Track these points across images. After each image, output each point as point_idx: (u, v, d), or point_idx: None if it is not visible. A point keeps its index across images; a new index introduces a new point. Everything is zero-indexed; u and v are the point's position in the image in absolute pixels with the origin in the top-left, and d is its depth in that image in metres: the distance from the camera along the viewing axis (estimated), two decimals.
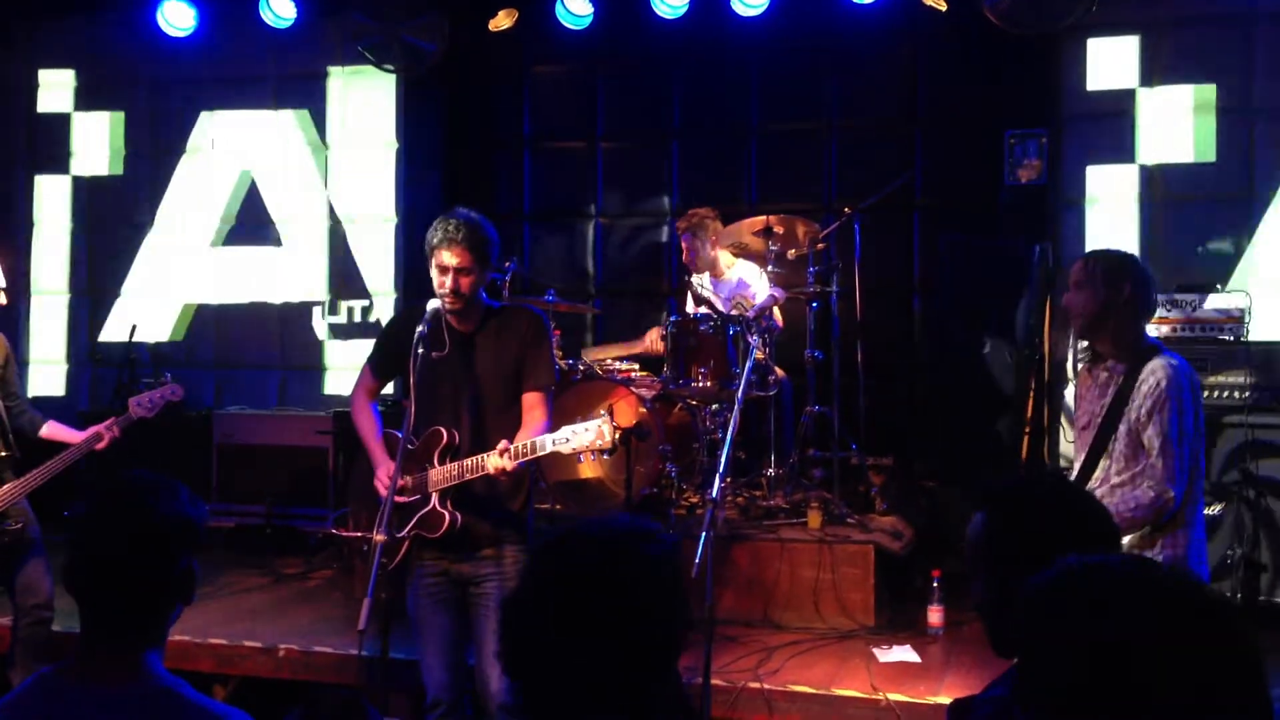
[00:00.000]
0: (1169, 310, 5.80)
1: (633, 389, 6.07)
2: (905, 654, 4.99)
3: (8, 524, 4.68)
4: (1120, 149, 6.76)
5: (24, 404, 4.97)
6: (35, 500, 4.81)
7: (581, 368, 6.36)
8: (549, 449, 3.68)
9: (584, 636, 1.70)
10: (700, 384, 5.88)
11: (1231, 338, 5.69)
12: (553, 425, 3.85)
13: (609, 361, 6.58)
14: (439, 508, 3.83)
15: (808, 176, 7.68)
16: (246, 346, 8.26)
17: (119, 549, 2.08)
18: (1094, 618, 1.36)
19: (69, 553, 2.13)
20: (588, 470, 6.19)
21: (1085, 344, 3.81)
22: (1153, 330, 5.63)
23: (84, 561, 2.11)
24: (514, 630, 1.75)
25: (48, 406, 6.12)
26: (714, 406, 6.04)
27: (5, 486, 4.66)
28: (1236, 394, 5.54)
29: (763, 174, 7.77)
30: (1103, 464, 3.60)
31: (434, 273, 3.84)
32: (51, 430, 4.90)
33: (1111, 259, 3.71)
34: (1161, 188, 6.72)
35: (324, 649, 5.06)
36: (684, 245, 6.61)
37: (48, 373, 8.49)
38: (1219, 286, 5.98)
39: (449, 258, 3.79)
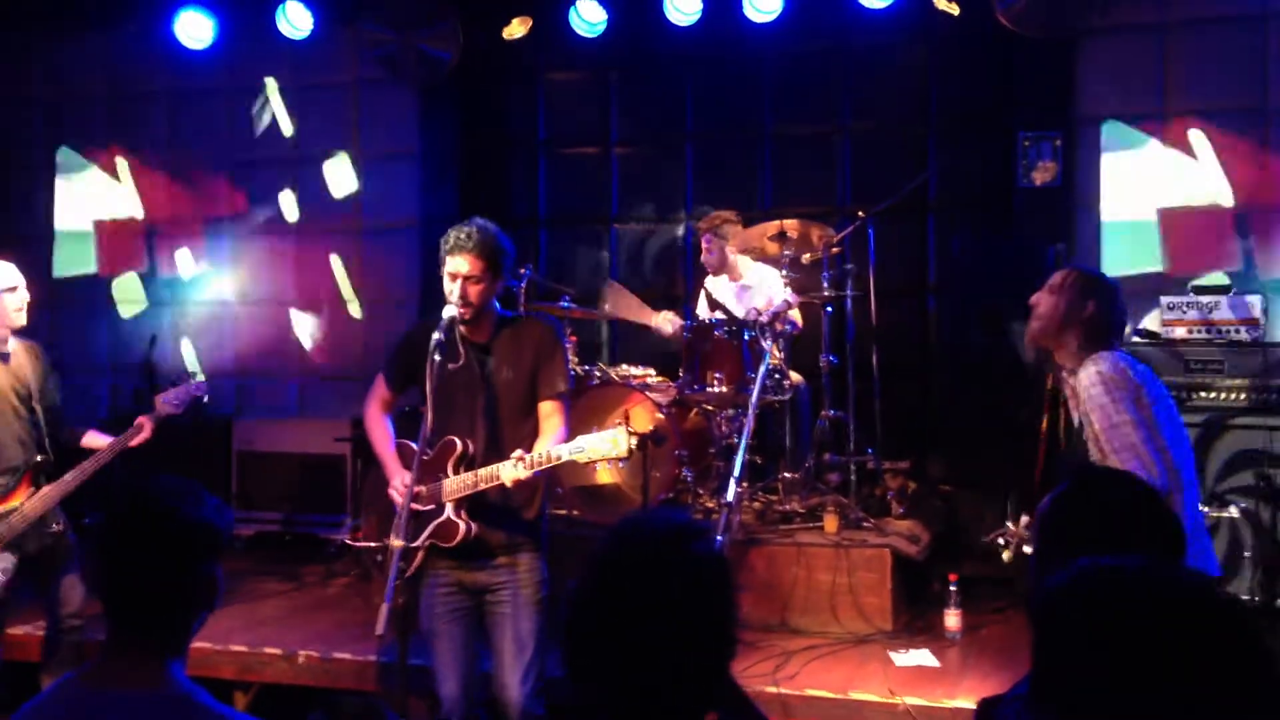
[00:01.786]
0: (1185, 312, 5.79)
1: (648, 394, 6.08)
2: (923, 658, 5.00)
3: (49, 526, 4.76)
4: (1135, 150, 6.74)
5: (63, 415, 5.03)
6: (70, 507, 4.88)
7: (598, 373, 6.39)
8: (564, 458, 3.70)
9: (641, 636, 1.71)
10: (715, 389, 5.90)
11: (1248, 339, 5.66)
12: (570, 431, 3.89)
13: (625, 302, 6.58)
14: (454, 517, 3.85)
15: (821, 180, 7.69)
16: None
17: (139, 552, 2.11)
18: (1106, 620, 1.38)
19: (93, 557, 2.16)
20: (604, 476, 6.21)
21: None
22: (1167, 332, 5.67)
23: (106, 566, 2.14)
24: (572, 632, 1.77)
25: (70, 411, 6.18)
26: (729, 411, 6.05)
27: (43, 490, 4.75)
28: (1255, 395, 5.51)
29: (776, 178, 7.79)
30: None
31: (445, 280, 3.87)
32: (90, 439, 4.96)
33: (1088, 277, 3.76)
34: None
35: (343, 655, 5.09)
36: (704, 245, 6.64)
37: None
38: (1234, 288, 5.96)
39: (458, 265, 3.81)
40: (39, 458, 4.83)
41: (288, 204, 8.25)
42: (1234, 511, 5.35)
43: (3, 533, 4.65)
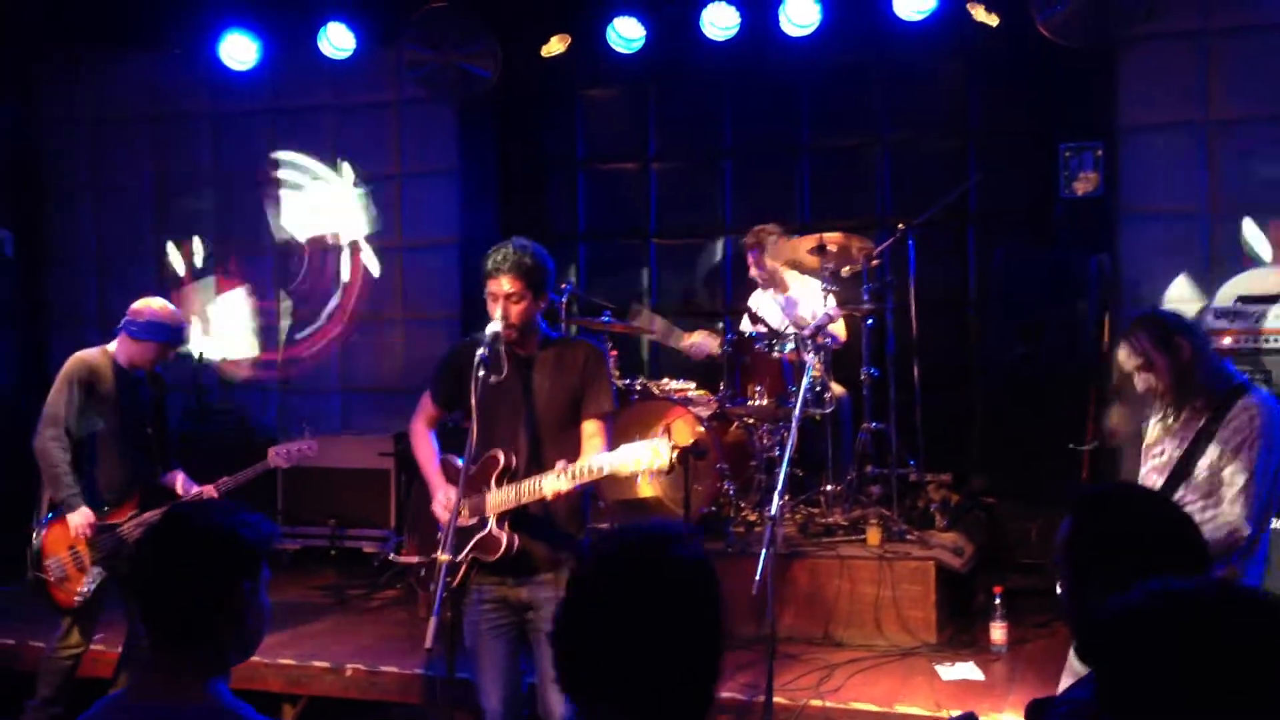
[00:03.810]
0: (1231, 321, 5.73)
1: (689, 408, 6.10)
2: (969, 671, 4.97)
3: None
4: (1179, 160, 6.70)
5: (165, 443, 5.15)
6: None
7: (638, 387, 6.41)
8: (606, 470, 3.70)
9: (622, 644, 1.71)
10: (756, 402, 5.91)
11: None
12: (611, 449, 3.90)
13: (655, 326, 6.61)
14: (496, 531, 3.86)
15: (860, 193, 7.68)
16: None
17: (170, 569, 2.13)
18: (1184, 641, 1.40)
19: (134, 575, 2.19)
20: (646, 489, 6.23)
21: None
22: (1214, 341, 5.62)
23: (142, 583, 2.17)
24: (559, 645, 1.78)
25: None
26: (770, 424, 6.06)
27: (146, 514, 4.84)
28: None
29: (815, 191, 7.78)
30: (1179, 493, 3.62)
31: (488, 300, 3.90)
32: (170, 479, 5.06)
33: (1152, 330, 3.69)
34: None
35: (390, 669, 5.13)
36: (750, 260, 6.67)
37: None
38: None
39: (500, 286, 3.84)
40: (146, 483, 4.95)
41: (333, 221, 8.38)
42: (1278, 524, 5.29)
43: (99, 547, 4.74)
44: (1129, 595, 1.47)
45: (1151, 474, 3.77)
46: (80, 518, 4.72)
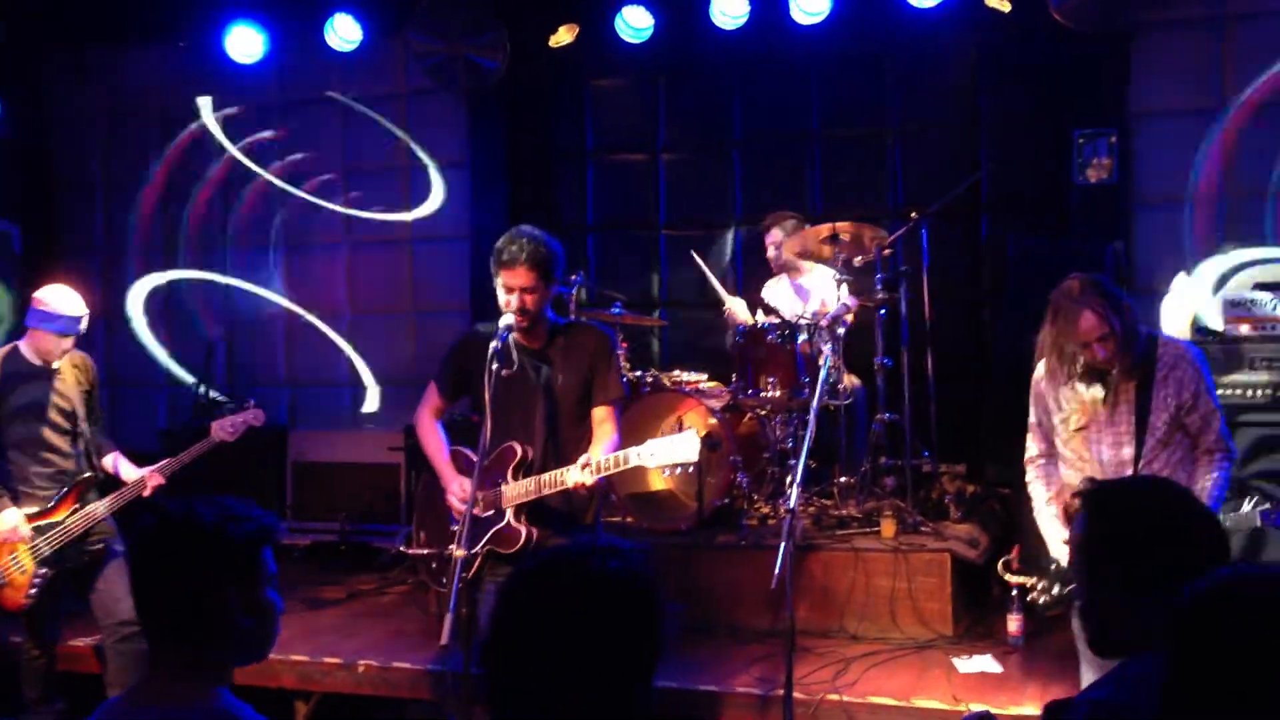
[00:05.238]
0: (1249, 310, 5.68)
1: (702, 399, 6.05)
2: (986, 664, 4.93)
3: (90, 544, 4.80)
4: (1194, 146, 6.64)
5: (101, 429, 5.09)
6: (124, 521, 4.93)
7: (650, 379, 6.37)
8: (633, 463, 3.68)
9: (542, 662, 1.67)
10: (769, 393, 5.86)
11: None
12: (621, 438, 3.88)
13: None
14: (514, 523, 3.86)
15: (872, 182, 7.62)
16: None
17: (152, 566, 2.10)
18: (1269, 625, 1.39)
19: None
20: (659, 483, 6.20)
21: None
22: (1231, 330, 5.57)
23: (132, 582, 2.15)
24: (484, 665, 1.74)
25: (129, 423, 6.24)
26: (783, 416, 6.01)
27: (89, 507, 4.80)
28: None
29: (826, 181, 7.72)
30: (1145, 452, 3.67)
31: (500, 291, 3.87)
32: (109, 461, 5.00)
33: (1105, 295, 3.62)
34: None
35: (402, 664, 5.09)
36: (768, 242, 6.62)
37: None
38: None
39: (513, 277, 3.82)
40: (86, 474, 4.89)
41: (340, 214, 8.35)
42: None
43: (41, 546, 4.70)
44: (1195, 586, 1.44)
45: (1105, 448, 3.72)
46: (5, 520, 4.64)
